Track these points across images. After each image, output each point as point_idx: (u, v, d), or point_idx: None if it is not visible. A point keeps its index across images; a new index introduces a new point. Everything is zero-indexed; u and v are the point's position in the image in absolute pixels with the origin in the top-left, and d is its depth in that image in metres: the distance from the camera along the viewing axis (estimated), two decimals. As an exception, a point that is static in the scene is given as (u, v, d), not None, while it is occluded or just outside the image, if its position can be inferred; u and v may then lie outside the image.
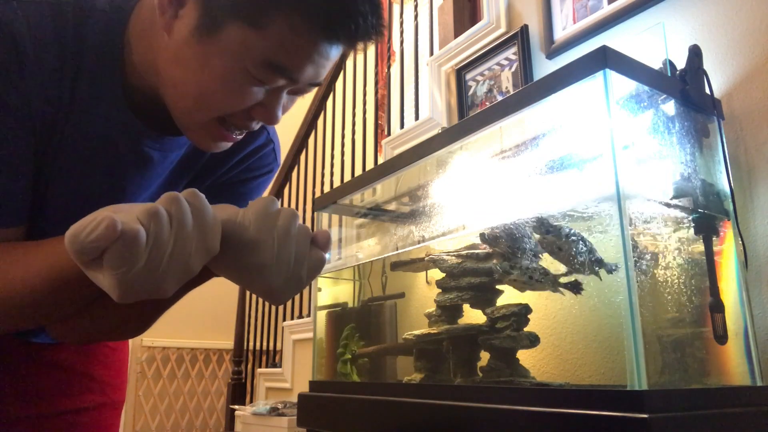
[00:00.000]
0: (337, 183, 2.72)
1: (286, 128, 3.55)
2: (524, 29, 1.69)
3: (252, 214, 0.49)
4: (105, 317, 0.63)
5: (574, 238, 0.95)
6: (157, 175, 0.73)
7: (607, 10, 1.45)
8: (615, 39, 1.42)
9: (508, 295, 1.16)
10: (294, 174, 3.25)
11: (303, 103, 3.20)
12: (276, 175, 3.53)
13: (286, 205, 3.29)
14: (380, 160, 2.70)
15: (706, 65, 1.07)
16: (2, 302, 0.54)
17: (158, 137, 0.70)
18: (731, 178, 1.03)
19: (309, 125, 3.10)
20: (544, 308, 1.25)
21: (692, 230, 1.01)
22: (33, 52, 0.59)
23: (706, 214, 1.00)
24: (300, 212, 3.16)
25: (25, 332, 0.79)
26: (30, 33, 0.59)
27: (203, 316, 3.72)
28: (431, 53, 2.16)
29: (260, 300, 3.38)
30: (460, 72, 1.92)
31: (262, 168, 0.85)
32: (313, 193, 3.02)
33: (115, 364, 0.91)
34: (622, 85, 0.92)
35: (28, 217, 0.64)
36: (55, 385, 0.82)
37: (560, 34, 1.58)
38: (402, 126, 2.30)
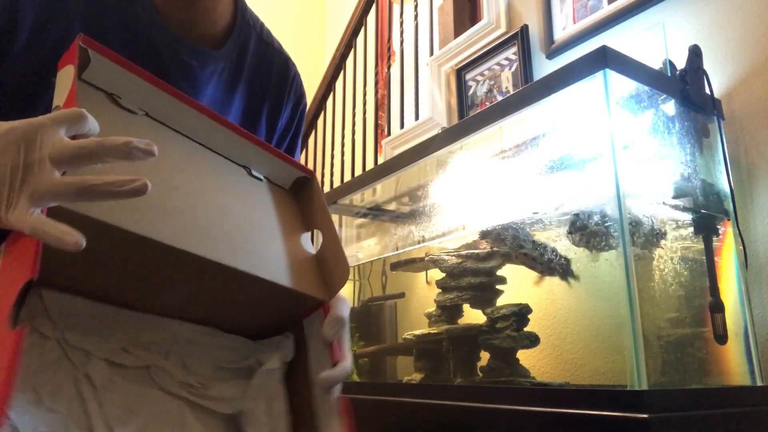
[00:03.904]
0: (337, 183, 2.73)
1: (286, 128, 3.55)
2: (524, 29, 1.69)
3: None
4: None
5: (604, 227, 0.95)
6: (202, 86, 0.74)
7: (607, 10, 1.45)
8: (615, 39, 1.42)
9: (509, 295, 1.16)
10: (294, 174, 3.25)
11: (303, 103, 3.19)
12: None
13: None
14: (380, 160, 2.70)
15: (706, 65, 1.07)
16: None
17: (193, 46, 0.71)
18: (731, 178, 1.03)
19: (309, 125, 3.10)
20: (544, 308, 1.25)
21: (692, 230, 1.01)
22: None
23: (706, 214, 1.00)
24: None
25: None
26: None
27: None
28: (431, 53, 2.16)
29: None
30: (460, 72, 1.92)
31: (302, 96, 0.88)
32: (313, 193, 3.01)
33: None
34: (622, 85, 0.92)
35: None
36: None
37: (560, 34, 1.58)
38: (402, 126, 2.30)
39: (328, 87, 2.94)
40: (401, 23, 2.45)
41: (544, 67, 1.61)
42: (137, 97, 0.52)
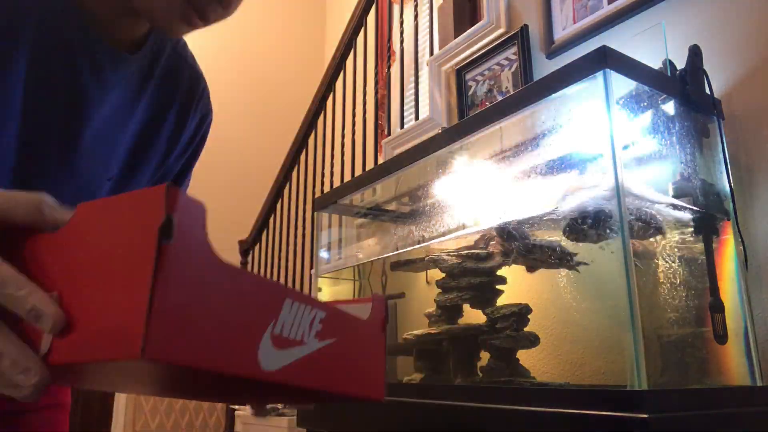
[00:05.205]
0: (337, 183, 2.72)
1: (287, 128, 3.55)
2: (524, 29, 1.69)
3: None
4: None
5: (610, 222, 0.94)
6: (110, 89, 0.72)
7: (607, 10, 1.45)
8: (615, 39, 1.42)
9: (508, 295, 1.16)
10: (294, 174, 3.26)
11: (303, 104, 3.19)
12: (276, 175, 3.48)
13: (286, 205, 3.29)
14: (380, 160, 2.70)
15: (706, 65, 1.07)
16: None
17: (108, 47, 0.69)
18: (731, 178, 1.03)
19: (309, 125, 3.10)
20: (544, 308, 1.25)
21: (692, 230, 1.01)
22: None
23: (706, 214, 1.00)
24: (300, 212, 3.16)
25: None
26: None
27: (203, 316, 3.71)
28: (431, 53, 2.16)
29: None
30: (460, 72, 1.92)
31: (209, 112, 0.86)
32: (313, 193, 3.02)
33: None
34: (622, 85, 0.92)
35: None
36: None
37: (560, 34, 1.58)
38: (402, 126, 2.30)
39: (328, 87, 2.94)
40: (401, 23, 2.45)
41: (544, 67, 1.61)
42: None
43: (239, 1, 0.68)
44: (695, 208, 0.99)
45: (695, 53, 1.05)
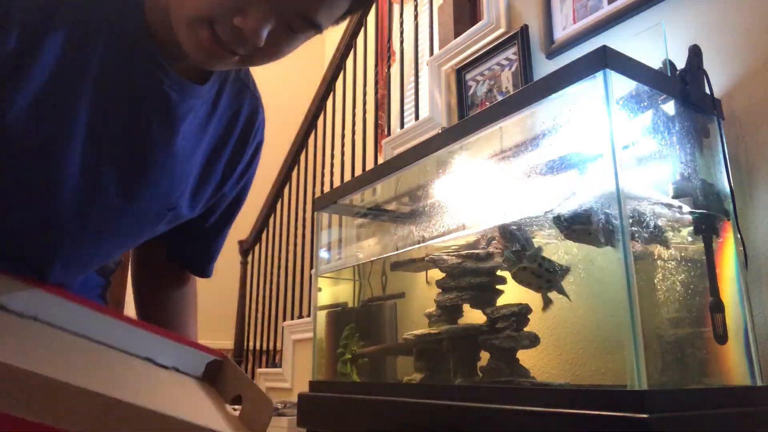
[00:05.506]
0: (337, 183, 2.72)
1: (286, 128, 3.55)
2: (524, 29, 1.69)
3: None
4: None
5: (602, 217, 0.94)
6: (179, 122, 0.70)
7: (607, 10, 1.45)
8: (615, 39, 1.42)
9: (509, 295, 1.16)
10: (294, 174, 3.26)
11: (303, 103, 3.19)
12: (276, 174, 3.48)
13: (286, 205, 3.29)
14: (380, 160, 2.70)
15: (706, 65, 1.07)
16: None
17: (176, 78, 0.68)
18: (731, 178, 1.03)
19: (309, 125, 3.10)
20: (544, 308, 1.25)
21: (692, 230, 1.01)
22: None
23: (706, 214, 1.00)
24: (300, 212, 3.16)
25: None
26: None
27: (203, 316, 3.70)
28: (431, 53, 2.16)
29: (260, 300, 3.38)
30: (460, 72, 1.92)
31: (263, 140, 0.86)
32: (313, 193, 3.02)
33: None
34: (622, 85, 0.92)
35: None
36: None
37: (560, 34, 1.58)
38: (402, 126, 2.30)
39: (328, 87, 2.94)
40: (401, 23, 2.45)
41: (544, 67, 1.61)
42: (23, 302, 0.51)
43: (286, 50, 0.65)
44: (695, 210, 0.99)
45: (695, 53, 1.05)
